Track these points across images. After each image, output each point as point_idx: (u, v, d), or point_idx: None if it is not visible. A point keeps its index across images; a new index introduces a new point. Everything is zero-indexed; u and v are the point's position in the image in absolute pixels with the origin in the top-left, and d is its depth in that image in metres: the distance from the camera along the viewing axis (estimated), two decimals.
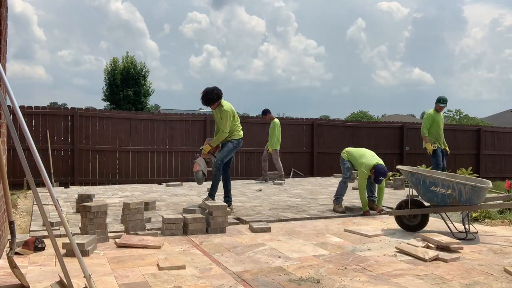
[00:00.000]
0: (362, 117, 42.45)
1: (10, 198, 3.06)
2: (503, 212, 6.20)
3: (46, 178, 2.75)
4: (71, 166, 10.34)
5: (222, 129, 6.12)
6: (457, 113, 36.53)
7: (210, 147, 6.24)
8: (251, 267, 3.68)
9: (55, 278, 3.11)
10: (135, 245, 4.25)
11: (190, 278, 3.37)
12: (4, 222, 4.01)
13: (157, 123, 11.51)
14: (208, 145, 6.25)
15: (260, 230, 5.05)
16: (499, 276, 3.49)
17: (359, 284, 3.27)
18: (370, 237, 4.84)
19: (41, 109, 10.34)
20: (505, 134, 15.87)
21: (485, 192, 4.77)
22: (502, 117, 38.03)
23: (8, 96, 2.85)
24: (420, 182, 4.95)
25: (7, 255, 2.94)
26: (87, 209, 4.36)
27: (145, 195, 8.03)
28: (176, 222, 4.86)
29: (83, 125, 10.55)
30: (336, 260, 3.94)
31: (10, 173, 8.23)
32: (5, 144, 4.28)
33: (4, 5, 3.87)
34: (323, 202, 7.14)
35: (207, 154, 6.29)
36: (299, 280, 3.34)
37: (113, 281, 3.27)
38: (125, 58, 26.44)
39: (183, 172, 11.58)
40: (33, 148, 2.74)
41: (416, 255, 3.99)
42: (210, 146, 6.23)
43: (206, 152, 6.28)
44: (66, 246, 3.92)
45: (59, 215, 2.82)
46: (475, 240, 4.75)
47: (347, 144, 12.89)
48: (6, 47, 4.10)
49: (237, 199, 7.23)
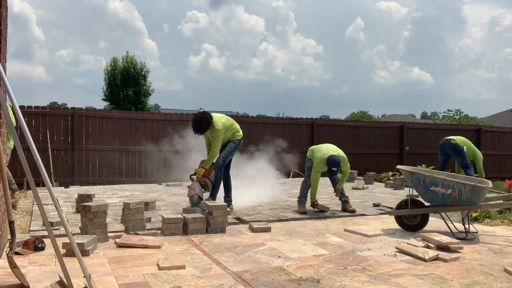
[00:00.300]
0: (362, 117, 42.43)
1: (10, 198, 3.06)
2: (503, 212, 6.21)
3: (46, 178, 2.75)
4: (71, 166, 10.33)
5: (213, 147, 6.01)
6: (457, 113, 36.51)
7: (204, 169, 6.04)
8: (251, 267, 3.68)
9: (55, 278, 3.11)
10: (135, 245, 4.25)
11: (190, 278, 3.37)
12: (4, 222, 4.01)
13: (157, 123, 11.50)
14: (201, 168, 6.06)
15: (260, 230, 5.05)
16: (499, 276, 3.49)
17: (359, 284, 3.27)
18: (370, 237, 4.84)
19: (41, 109, 10.34)
20: (505, 134, 15.88)
21: (485, 192, 4.77)
22: (502, 117, 38.02)
23: (8, 96, 2.85)
24: (420, 182, 4.95)
25: (7, 255, 2.94)
26: (87, 209, 4.36)
27: (145, 195, 8.04)
28: (176, 222, 4.86)
29: (83, 125, 10.55)
30: (336, 260, 3.94)
31: (10, 172, 8.21)
32: (5, 144, 4.28)
33: (4, 5, 3.87)
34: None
35: (202, 178, 6.06)
36: (299, 280, 3.34)
37: (113, 281, 3.27)
38: (125, 58, 26.44)
39: (183, 172, 11.55)
40: (33, 148, 2.74)
41: (416, 255, 3.99)
42: (204, 168, 6.04)
43: (200, 176, 6.05)
44: (66, 246, 3.92)
45: (59, 215, 2.82)
46: (475, 240, 4.75)
47: (347, 144, 12.94)
48: (6, 47, 4.10)
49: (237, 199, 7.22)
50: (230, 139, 6.21)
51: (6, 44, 4.10)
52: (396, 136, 14.29)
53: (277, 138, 12.05)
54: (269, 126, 12.74)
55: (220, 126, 6.00)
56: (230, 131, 6.21)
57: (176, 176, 11.32)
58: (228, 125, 6.18)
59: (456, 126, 17.21)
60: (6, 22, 4.05)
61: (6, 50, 4.09)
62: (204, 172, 6.05)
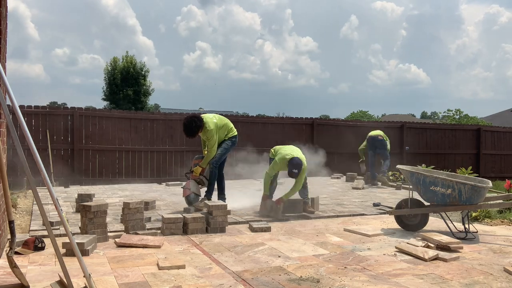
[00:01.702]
0: (362, 116, 42.39)
1: (10, 197, 3.06)
2: (503, 211, 6.21)
3: (46, 178, 2.75)
4: (71, 166, 10.33)
5: (209, 148, 6.08)
6: (457, 113, 36.46)
7: (201, 168, 6.10)
8: (251, 267, 3.68)
9: (55, 277, 3.11)
10: (135, 245, 4.25)
11: (190, 277, 3.37)
12: (4, 221, 4.01)
13: (157, 123, 11.50)
14: (198, 166, 6.12)
15: (260, 230, 5.05)
16: (499, 276, 3.49)
17: (359, 284, 3.27)
18: (370, 236, 4.84)
19: (40, 108, 10.33)
20: (505, 133, 15.87)
21: (485, 192, 4.77)
22: (502, 117, 38.02)
23: (8, 96, 2.84)
24: (420, 182, 4.96)
25: (7, 254, 2.94)
26: (87, 208, 4.36)
27: (145, 194, 8.04)
28: (176, 222, 4.86)
29: (83, 125, 10.54)
30: (336, 259, 3.94)
31: (10, 172, 8.23)
32: (5, 143, 4.28)
33: (4, 4, 3.86)
34: (323, 202, 7.14)
35: (197, 176, 6.13)
36: (299, 280, 3.35)
37: (113, 280, 3.27)
38: (125, 57, 26.45)
39: (183, 172, 11.56)
40: (33, 148, 2.74)
41: (416, 254, 3.99)
42: (200, 167, 6.10)
43: (197, 174, 6.11)
44: (66, 245, 3.92)
45: (59, 214, 2.82)
46: (475, 240, 4.75)
47: (347, 143, 12.94)
48: (6, 47, 4.10)
49: (237, 199, 7.22)
50: (224, 138, 6.26)
51: (6, 43, 4.10)
52: (396, 136, 14.28)
53: (278, 137, 12.06)
54: (269, 126, 12.74)
55: (212, 127, 6.04)
56: (223, 130, 6.24)
57: (176, 175, 11.34)
58: (221, 124, 6.22)
59: (456, 126, 17.19)
60: (6, 21, 4.05)
61: (6, 50, 4.09)
62: (200, 171, 6.13)
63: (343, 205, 6.96)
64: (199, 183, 6.19)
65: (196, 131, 6.01)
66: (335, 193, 8.52)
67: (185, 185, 6.18)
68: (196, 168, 6.14)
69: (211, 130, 6.01)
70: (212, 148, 6.05)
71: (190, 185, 6.09)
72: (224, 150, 6.24)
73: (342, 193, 8.58)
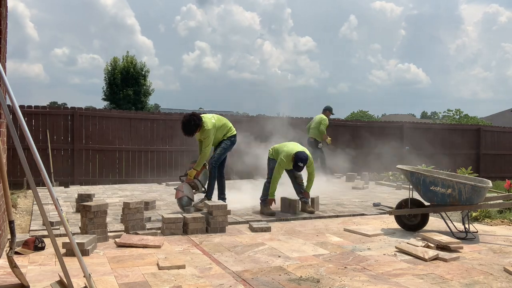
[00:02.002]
0: (362, 116, 42.40)
1: (10, 197, 3.06)
2: (503, 211, 6.20)
3: (46, 178, 2.75)
4: (71, 166, 10.33)
5: (203, 147, 6.02)
6: (457, 113, 36.47)
7: (196, 171, 6.03)
8: (251, 267, 3.68)
9: (55, 277, 3.11)
10: (135, 245, 4.25)
11: (190, 277, 3.37)
12: (4, 221, 4.01)
13: (157, 123, 11.50)
14: (192, 169, 6.04)
15: (260, 230, 5.05)
16: (499, 276, 3.49)
17: (359, 284, 3.27)
18: (370, 236, 4.84)
19: (41, 108, 10.33)
20: (505, 133, 15.87)
21: (485, 192, 4.77)
22: (502, 117, 38.01)
23: (8, 96, 2.84)
24: (420, 182, 4.96)
25: (7, 254, 2.94)
26: (87, 208, 4.36)
27: (145, 194, 8.04)
28: (176, 222, 4.86)
29: (83, 125, 10.54)
30: (336, 259, 3.94)
31: (10, 172, 8.23)
32: (5, 143, 4.28)
33: (4, 4, 3.86)
34: (323, 202, 7.14)
35: (192, 179, 6.05)
36: (299, 280, 3.35)
37: (113, 280, 3.27)
38: (125, 57, 26.47)
39: (183, 172, 11.55)
40: (33, 148, 2.74)
41: (416, 254, 3.99)
42: (195, 170, 6.03)
43: (192, 178, 6.04)
44: (66, 245, 3.92)
45: (59, 214, 2.82)
46: (475, 240, 4.75)
47: (347, 143, 12.94)
48: (6, 47, 4.10)
49: (237, 199, 7.22)
50: (223, 138, 6.23)
51: (6, 43, 4.10)
52: (396, 136, 14.28)
53: (278, 137, 12.05)
54: (269, 125, 12.72)
55: (210, 126, 6.01)
56: (222, 130, 6.21)
57: (176, 175, 11.33)
58: (220, 124, 6.19)
59: (456, 126, 17.20)
60: (6, 21, 4.05)
61: (6, 50, 4.09)
62: (195, 174, 6.05)
63: (343, 205, 6.96)
64: (193, 187, 6.08)
65: (195, 130, 5.98)
66: (335, 193, 8.52)
67: (178, 186, 6.07)
68: (191, 171, 6.05)
69: (208, 130, 5.98)
70: (205, 148, 6.00)
71: (183, 187, 5.99)
72: (223, 149, 6.22)
73: (342, 193, 8.58)
